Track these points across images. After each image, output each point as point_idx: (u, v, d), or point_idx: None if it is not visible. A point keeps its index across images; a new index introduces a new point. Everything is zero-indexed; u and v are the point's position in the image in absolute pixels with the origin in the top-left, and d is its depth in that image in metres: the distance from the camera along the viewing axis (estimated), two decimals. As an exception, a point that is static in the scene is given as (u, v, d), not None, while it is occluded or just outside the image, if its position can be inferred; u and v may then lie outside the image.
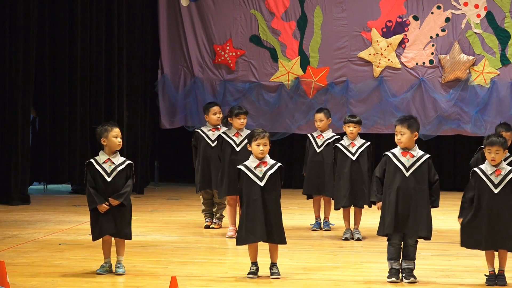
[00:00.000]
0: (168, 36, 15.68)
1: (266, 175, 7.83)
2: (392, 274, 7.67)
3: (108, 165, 7.92)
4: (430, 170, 7.77)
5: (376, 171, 7.91)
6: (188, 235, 10.29)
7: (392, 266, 7.71)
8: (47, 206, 12.94)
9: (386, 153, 7.91)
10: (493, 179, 7.60)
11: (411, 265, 7.70)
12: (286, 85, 15.50)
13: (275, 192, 7.87)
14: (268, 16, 15.57)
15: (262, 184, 7.81)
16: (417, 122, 7.85)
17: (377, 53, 15.31)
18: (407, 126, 7.73)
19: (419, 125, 7.92)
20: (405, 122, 7.77)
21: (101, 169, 7.90)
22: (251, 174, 7.85)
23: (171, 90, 15.64)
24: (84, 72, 14.44)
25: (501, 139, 7.65)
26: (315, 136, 10.78)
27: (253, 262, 7.88)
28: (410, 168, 7.72)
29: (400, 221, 7.67)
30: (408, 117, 7.90)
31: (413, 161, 7.74)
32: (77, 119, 14.37)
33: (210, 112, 10.73)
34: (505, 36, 15.14)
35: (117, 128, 7.97)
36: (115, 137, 7.91)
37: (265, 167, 7.87)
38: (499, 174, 7.59)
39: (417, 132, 7.80)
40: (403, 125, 7.75)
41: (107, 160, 7.93)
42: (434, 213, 7.70)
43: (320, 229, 10.73)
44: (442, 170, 15.78)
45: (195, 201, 12.90)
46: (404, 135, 7.75)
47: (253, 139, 7.92)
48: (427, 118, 15.16)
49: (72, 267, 8.15)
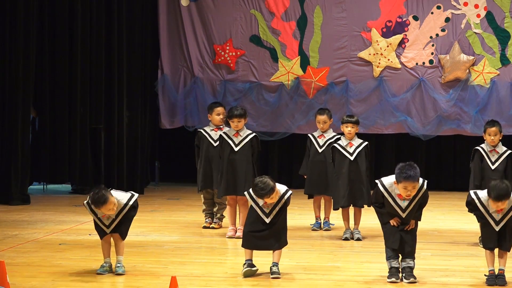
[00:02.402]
0: (168, 36, 15.68)
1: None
2: (392, 273, 7.66)
3: (109, 218, 7.90)
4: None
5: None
6: (188, 235, 10.30)
7: (392, 265, 7.71)
8: (47, 206, 12.94)
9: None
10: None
11: (410, 263, 7.69)
12: (286, 85, 15.50)
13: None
14: (268, 16, 15.58)
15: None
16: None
17: (377, 53, 15.31)
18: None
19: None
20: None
21: (100, 221, 7.90)
22: (259, 209, 7.89)
23: (171, 90, 15.64)
24: (84, 72, 14.44)
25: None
26: (316, 136, 10.79)
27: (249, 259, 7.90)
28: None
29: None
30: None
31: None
32: (77, 119, 14.37)
33: (214, 112, 10.74)
34: (505, 36, 15.14)
35: (103, 207, 7.80)
36: (105, 212, 7.87)
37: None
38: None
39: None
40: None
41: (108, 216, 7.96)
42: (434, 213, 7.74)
43: (320, 229, 10.73)
44: (442, 170, 15.81)
45: (195, 201, 12.91)
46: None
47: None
48: (427, 118, 15.16)
49: (72, 267, 8.15)
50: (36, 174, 14.41)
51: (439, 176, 15.81)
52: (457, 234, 10.53)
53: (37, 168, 14.29)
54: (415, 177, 7.51)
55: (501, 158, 9.61)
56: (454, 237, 10.27)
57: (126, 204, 7.85)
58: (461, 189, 14.87)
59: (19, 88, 13.17)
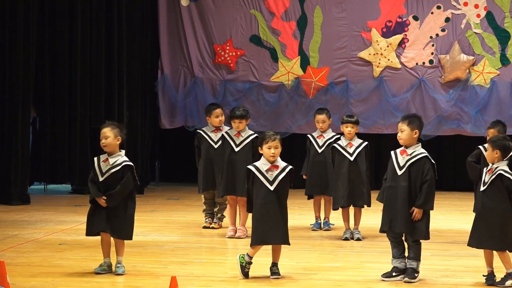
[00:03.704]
0: (168, 36, 15.69)
1: (277, 179, 7.82)
2: (387, 271, 7.70)
3: (105, 165, 7.90)
4: (424, 170, 7.70)
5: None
6: (188, 235, 10.29)
7: (392, 263, 7.75)
8: (47, 206, 12.94)
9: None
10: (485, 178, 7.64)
11: (412, 265, 7.71)
12: (286, 85, 15.50)
13: (284, 195, 7.86)
14: (268, 16, 15.58)
15: (272, 188, 7.80)
16: (420, 121, 7.84)
17: (377, 53, 15.31)
18: (407, 123, 7.73)
19: (422, 124, 7.89)
20: (406, 119, 7.77)
21: (98, 168, 7.89)
22: (262, 177, 7.85)
23: (171, 90, 15.65)
24: (84, 72, 14.44)
25: None
26: (316, 137, 10.78)
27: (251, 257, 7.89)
28: (403, 168, 7.72)
29: (391, 218, 7.74)
30: (410, 115, 7.93)
31: (406, 160, 7.74)
32: (77, 119, 14.37)
33: (213, 115, 10.71)
34: (505, 36, 15.15)
35: (104, 128, 7.92)
36: (100, 138, 7.88)
37: (276, 171, 7.87)
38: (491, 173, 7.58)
39: (417, 130, 7.77)
40: (403, 122, 7.77)
41: (106, 160, 7.92)
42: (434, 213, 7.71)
43: (320, 229, 10.73)
44: (442, 170, 15.79)
45: (195, 201, 12.91)
46: (404, 132, 7.75)
47: (264, 142, 7.95)
48: (427, 118, 15.15)
49: (72, 267, 8.15)
50: (36, 174, 14.41)
51: (439, 176, 15.72)
52: (457, 234, 10.53)
53: (37, 168, 14.29)
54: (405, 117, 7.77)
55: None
56: (454, 237, 10.27)
57: (122, 162, 7.86)
58: (461, 189, 14.88)
59: (19, 88, 13.17)
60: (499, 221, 7.46)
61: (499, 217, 7.46)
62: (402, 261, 7.75)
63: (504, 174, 7.46)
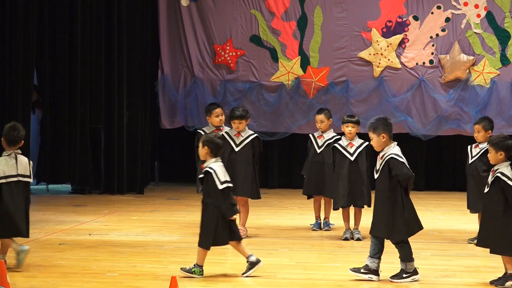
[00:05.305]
0: (168, 36, 15.68)
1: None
2: (358, 267, 7.75)
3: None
4: (392, 169, 7.66)
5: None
6: (188, 235, 10.29)
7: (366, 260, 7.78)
8: (47, 206, 12.93)
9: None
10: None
11: (401, 265, 7.73)
12: (286, 85, 15.50)
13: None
14: (268, 16, 15.57)
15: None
16: (383, 122, 7.77)
17: (377, 53, 15.31)
18: (372, 131, 7.77)
19: (388, 123, 7.82)
20: (370, 127, 7.79)
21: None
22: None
23: (171, 90, 15.64)
24: (84, 72, 14.44)
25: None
26: (316, 137, 10.78)
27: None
28: (378, 171, 7.75)
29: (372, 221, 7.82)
30: (373, 121, 7.88)
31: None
32: (77, 119, 14.37)
33: (213, 114, 10.69)
34: (505, 36, 15.14)
35: None
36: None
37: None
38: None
39: (383, 133, 7.72)
40: (369, 131, 7.84)
41: None
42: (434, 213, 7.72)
43: (320, 229, 10.73)
44: (442, 170, 15.81)
45: (195, 201, 12.88)
46: (372, 140, 7.79)
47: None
48: (427, 118, 15.16)
49: (72, 267, 8.15)
50: (36, 174, 14.40)
51: (439, 176, 15.81)
52: (457, 234, 10.53)
53: (37, 168, 14.29)
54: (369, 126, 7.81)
55: (478, 154, 9.70)
56: (454, 237, 10.27)
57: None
58: (461, 189, 14.86)
59: (19, 88, 13.18)
60: (499, 223, 7.44)
61: (499, 219, 7.44)
62: (374, 261, 7.73)
63: (501, 177, 7.43)
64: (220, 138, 8.10)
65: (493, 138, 7.68)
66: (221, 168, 7.92)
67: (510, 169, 7.51)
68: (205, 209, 7.85)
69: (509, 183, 7.37)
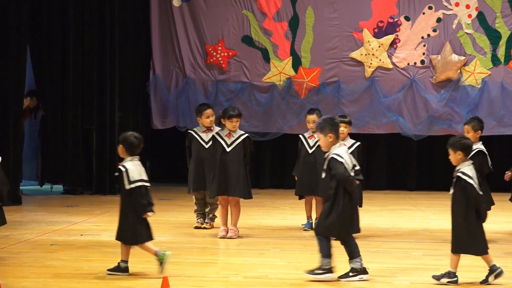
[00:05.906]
0: (160, 36, 15.68)
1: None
2: (344, 273, 7.72)
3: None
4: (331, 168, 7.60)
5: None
6: (180, 235, 10.29)
7: None
8: (38, 206, 12.92)
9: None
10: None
11: (321, 261, 7.71)
12: (278, 85, 15.51)
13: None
14: (260, 16, 15.59)
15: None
16: (329, 122, 7.71)
17: (369, 53, 15.34)
18: (319, 131, 7.71)
19: (335, 122, 7.75)
20: (317, 128, 7.73)
21: None
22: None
23: (163, 90, 15.64)
24: (76, 72, 14.43)
25: None
26: (307, 137, 10.78)
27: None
28: (324, 171, 7.70)
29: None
30: (320, 121, 7.83)
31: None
32: (69, 120, 14.36)
33: (203, 115, 10.72)
34: (496, 36, 15.18)
35: None
36: None
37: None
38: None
39: (330, 133, 7.67)
40: (317, 132, 7.76)
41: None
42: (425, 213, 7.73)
43: (311, 229, 10.72)
44: (434, 170, 15.83)
45: (187, 201, 12.89)
46: (320, 140, 7.77)
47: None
48: (419, 118, 15.19)
49: (64, 268, 8.14)
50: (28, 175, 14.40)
51: (431, 176, 15.84)
52: (448, 234, 10.48)
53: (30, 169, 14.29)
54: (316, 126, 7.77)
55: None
56: (446, 237, 10.24)
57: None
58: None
59: (10, 88, 13.15)
60: (463, 224, 7.50)
61: (462, 220, 7.50)
62: (356, 261, 7.74)
63: (462, 176, 7.47)
64: (136, 137, 7.90)
65: (450, 140, 7.68)
66: (136, 167, 7.89)
67: (472, 168, 7.54)
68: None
69: (470, 181, 7.41)
